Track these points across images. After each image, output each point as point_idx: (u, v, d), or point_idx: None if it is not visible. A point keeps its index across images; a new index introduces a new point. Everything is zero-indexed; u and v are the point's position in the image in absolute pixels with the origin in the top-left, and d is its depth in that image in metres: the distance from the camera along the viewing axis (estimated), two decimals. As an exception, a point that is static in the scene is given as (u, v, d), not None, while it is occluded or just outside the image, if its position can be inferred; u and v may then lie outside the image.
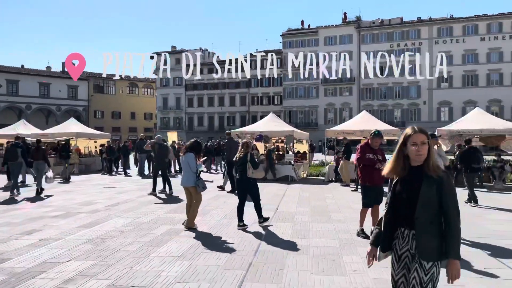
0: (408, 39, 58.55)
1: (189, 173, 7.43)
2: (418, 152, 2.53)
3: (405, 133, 2.64)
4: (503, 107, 53.74)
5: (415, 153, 2.54)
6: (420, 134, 2.58)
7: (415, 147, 2.55)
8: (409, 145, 2.57)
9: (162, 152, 12.56)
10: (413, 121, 57.41)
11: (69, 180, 16.39)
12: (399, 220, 2.61)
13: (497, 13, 55.76)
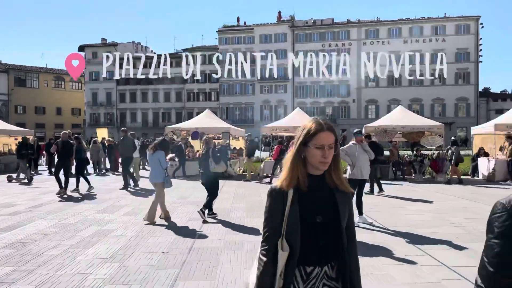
0: (339, 40, 61.11)
1: (158, 169, 7.77)
2: (324, 158, 1.76)
3: (308, 128, 1.81)
4: (423, 105, 58.13)
5: (319, 159, 1.76)
6: (329, 133, 1.79)
7: (320, 151, 1.76)
8: (312, 147, 1.77)
9: (66, 150, 11.77)
10: (343, 118, 60.15)
11: (-15, 181, 15.01)
12: (303, 256, 1.77)
13: (419, 17, 60.14)
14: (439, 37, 58.38)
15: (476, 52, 57.65)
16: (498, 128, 15.39)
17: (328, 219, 1.79)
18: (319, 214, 1.79)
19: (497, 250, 1.38)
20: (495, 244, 1.39)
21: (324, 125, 1.80)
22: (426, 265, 5.03)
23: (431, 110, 57.66)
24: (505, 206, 1.42)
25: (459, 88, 57.60)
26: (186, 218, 8.05)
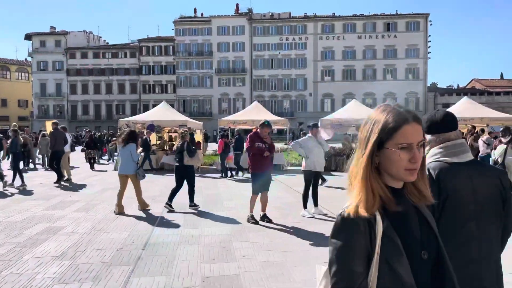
0: (296, 34, 61.76)
1: (129, 162, 7.94)
2: (413, 163, 1.19)
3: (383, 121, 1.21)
4: (376, 99, 60.15)
5: (405, 165, 1.19)
6: (417, 125, 1.21)
7: (407, 152, 1.19)
8: (393, 148, 1.19)
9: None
10: (300, 112, 61.09)
11: None
12: None
13: (372, 13, 61.96)
14: (391, 33, 60.50)
15: (425, 49, 60.36)
16: (444, 121, 16.21)
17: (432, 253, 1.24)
18: (423, 247, 1.22)
19: None
20: None
21: (409, 115, 1.20)
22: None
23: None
24: None
25: (409, 83, 60.13)
26: (142, 213, 7.88)
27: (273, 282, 4.23)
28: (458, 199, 1.78)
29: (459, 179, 1.81)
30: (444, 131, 1.92)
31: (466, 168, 1.84)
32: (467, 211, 1.80)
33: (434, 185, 1.70)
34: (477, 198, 1.81)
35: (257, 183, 7.05)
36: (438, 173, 1.79)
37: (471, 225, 1.79)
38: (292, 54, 61.45)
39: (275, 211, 7.84)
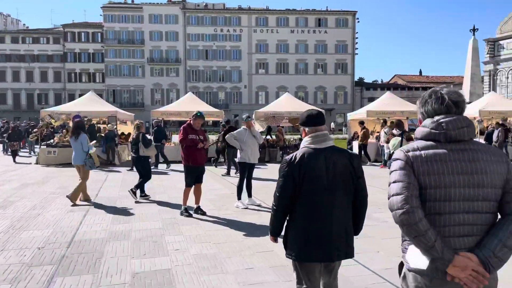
0: (230, 26, 61.59)
1: (79, 152, 8.02)
2: None
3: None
4: (308, 92, 62.12)
5: None
6: None
7: None
8: None
9: None
10: (235, 104, 61.26)
11: None
12: None
13: (304, 9, 63.59)
14: (322, 29, 62.61)
15: (353, 45, 63.31)
16: (370, 114, 17.20)
17: None
18: None
19: (280, 184, 2.53)
20: (280, 181, 2.54)
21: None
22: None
23: (314, 97, 61.92)
24: (287, 160, 2.54)
25: (338, 78, 62.80)
26: (66, 210, 7.44)
27: (206, 275, 4.22)
28: (314, 174, 2.48)
29: (316, 160, 2.50)
30: (315, 125, 2.63)
31: (324, 152, 2.53)
32: (321, 184, 2.48)
33: (297, 164, 2.49)
34: (329, 174, 2.49)
35: (191, 175, 6.96)
36: (302, 155, 2.51)
37: (324, 194, 2.48)
38: (227, 45, 61.25)
39: (209, 203, 7.81)
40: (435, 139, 1.81)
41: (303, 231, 2.51)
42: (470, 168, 1.77)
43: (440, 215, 1.75)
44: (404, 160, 1.80)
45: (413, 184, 1.75)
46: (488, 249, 1.69)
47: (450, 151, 1.79)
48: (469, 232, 1.75)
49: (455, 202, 1.75)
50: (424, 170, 1.76)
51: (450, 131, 1.79)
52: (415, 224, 1.68)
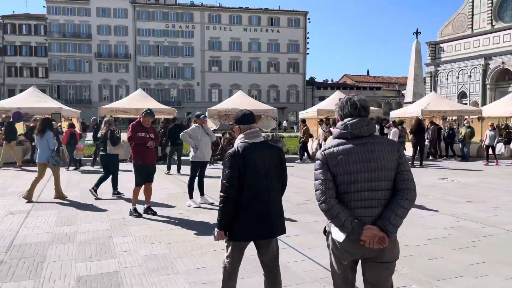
0: (182, 22, 60.66)
1: (45, 150, 7.93)
2: None
3: None
4: (261, 91, 62.59)
5: None
6: None
7: None
8: None
9: None
10: (188, 101, 60.49)
11: None
12: None
13: (257, 7, 63.91)
14: (274, 28, 63.27)
15: (304, 45, 64.55)
16: (320, 112, 17.64)
17: None
18: None
19: (227, 174, 2.89)
20: (227, 172, 2.88)
21: None
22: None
23: (268, 95, 62.50)
24: (231, 153, 2.93)
25: (291, 77, 63.81)
26: (5, 212, 6.98)
27: (156, 276, 4.11)
28: (254, 165, 2.91)
29: (254, 152, 2.94)
30: (249, 123, 3.07)
31: (258, 146, 3.00)
32: (260, 172, 2.93)
33: (240, 156, 2.89)
34: (265, 164, 2.97)
35: (141, 174, 6.77)
36: (243, 149, 2.93)
37: (263, 181, 2.94)
38: (179, 42, 60.25)
39: (160, 202, 7.64)
40: (344, 137, 2.38)
41: (248, 214, 2.90)
42: (369, 157, 2.32)
43: (348, 194, 2.31)
44: (321, 160, 2.37)
45: (328, 179, 2.32)
46: (386, 219, 2.26)
47: (354, 145, 2.34)
48: (370, 205, 2.30)
49: (359, 183, 2.30)
50: (335, 163, 2.32)
51: (353, 130, 2.35)
52: (329, 210, 2.28)
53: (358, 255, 2.37)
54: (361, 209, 2.30)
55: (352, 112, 2.41)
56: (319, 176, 2.34)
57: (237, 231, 2.92)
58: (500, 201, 7.96)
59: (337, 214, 2.26)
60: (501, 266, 4.31)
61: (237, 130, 3.10)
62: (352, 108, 2.42)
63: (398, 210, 2.28)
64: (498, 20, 53.25)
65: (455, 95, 56.98)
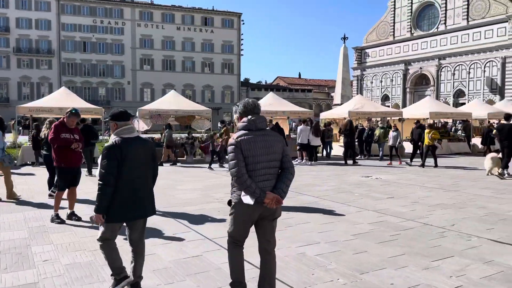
0: (111, 17, 58.15)
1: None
2: None
3: None
4: (195, 91, 61.90)
5: None
6: None
7: None
8: None
9: None
10: (118, 101, 58.09)
11: None
12: None
13: (190, 6, 63.11)
14: (208, 28, 62.94)
15: (239, 46, 64.97)
16: (254, 113, 17.82)
17: None
18: None
19: (105, 164, 3.34)
20: (105, 162, 3.34)
21: None
22: (192, 240, 5.38)
23: (202, 95, 62.00)
24: (109, 146, 3.40)
25: (225, 77, 63.88)
26: None
27: (79, 285, 3.88)
28: (129, 156, 3.41)
29: (131, 145, 3.45)
30: (125, 120, 3.55)
31: (133, 140, 3.51)
32: (135, 163, 3.45)
33: (119, 148, 3.38)
34: (139, 156, 3.50)
35: (64, 178, 6.36)
36: (121, 143, 3.41)
37: (137, 170, 3.47)
38: (108, 38, 57.66)
39: (85, 207, 7.23)
40: (249, 129, 3.25)
41: (124, 199, 3.42)
42: (266, 144, 3.24)
43: (254, 171, 3.18)
44: (235, 145, 3.17)
45: (241, 160, 3.14)
46: (280, 188, 3.24)
47: (256, 135, 3.23)
48: (268, 178, 3.24)
49: (261, 163, 3.21)
50: (245, 147, 3.17)
51: (257, 124, 3.27)
52: (244, 182, 3.12)
53: (257, 215, 3.26)
54: (263, 181, 3.20)
55: (253, 110, 3.34)
56: (234, 157, 3.15)
57: (114, 213, 3.41)
58: (417, 196, 8.60)
59: (250, 185, 3.11)
60: (418, 257, 4.65)
61: (113, 126, 3.54)
62: (251, 107, 3.35)
63: (287, 181, 3.29)
64: (417, 28, 57.66)
65: (379, 98, 60.74)
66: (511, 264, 4.41)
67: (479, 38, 49.94)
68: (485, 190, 9.34)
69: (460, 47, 51.66)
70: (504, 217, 6.60)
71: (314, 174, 12.43)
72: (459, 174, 12.33)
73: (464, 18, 51.56)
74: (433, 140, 14.03)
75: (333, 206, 7.52)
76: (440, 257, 4.63)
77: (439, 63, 54.05)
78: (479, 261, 4.51)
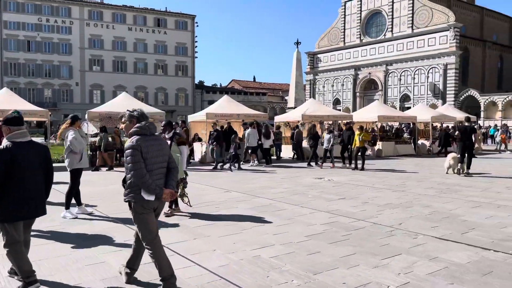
0: (58, 16, 55.71)
1: None
2: None
3: None
4: (148, 93, 60.56)
5: None
6: None
7: None
8: None
9: None
10: (65, 103, 55.63)
11: None
12: None
13: (142, 7, 61.75)
14: (161, 29, 61.88)
15: (193, 48, 64.39)
16: (209, 116, 17.70)
17: None
18: None
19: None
20: None
21: None
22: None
23: (155, 98, 60.77)
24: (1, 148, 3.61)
25: (179, 80, 63.03)
26: None
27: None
28: (21, 158, 3.63)
29: (20, 150, 3.65)
30: (19, 125, 3.74)
31: (25, 144, 3.73)
32: (25, 165, 3.65)
33: (8, 152, 3.55)
34: (31, 159, 3.72)
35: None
36: (11, 147, 3.59)
37: (28, 172, 3.68)
38: (54, 38, 55.10)
39: (29, 215, 6.81)
40: (144, 134, 3.65)
41: (16, 199, 3.61)
42: (159, 147, 3.73)
43: (152, 171, 3.60)
44: (136, 148, 3.54)
45: (141, 161, 3.53)
46: (170, 185, 3.76)
47: (151, 140, 3.67)
48: (161, 177, 3.73)
49: (157, 163, 3.67)
50: (144, 150, 3.56)
51: (150, 129, 3.71)
52: (147, 181, 3.52)
53: (153, 208, 3.72)
54: (158, 180, 3.67)
55: (145, 118, 3.79)
56: (135, 159, 3.52)
57: (8, 213, 3.60)
58: (367, 197, 8.90)
59: (151, 183, 3.55)
60: (369, 256, 4.80)
61: (6, 131, 3.71)
62: (145, 116, 3.81)
63: (174, 179, 3.87)
64: (366, 35, 59.95)
65: (331, 102, 62.46)
66: (454, 260, 4.66)
67: (423, 45, 52.79)
68: (429, 189, 9.83)
69: (406, 53, 54.33)
70: (447, 215, 6.97)
71: (268, 177, 12.53)
72: (406, 176, 12.91)
73: (409, 26, 54.29)
74: (363, 142, 14.11)
75: (287, 208, 7.60)
76: (389, 255, 4.81)
77: (386, 68, 56.49)
78: (425, 258, 4.73)
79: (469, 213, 7.17)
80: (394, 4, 55.36)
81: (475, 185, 10.61)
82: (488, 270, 4.31)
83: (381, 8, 57.34)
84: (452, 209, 7.53)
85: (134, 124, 3.69)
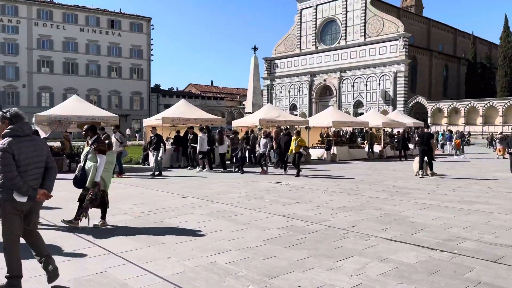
0: (4, 15, 52.79)
1: None
2: None
3: None
4: (101, 96, 58.57)
5: None
6: None
7: None
8: None
9: None
10: (11, 105, 52.52)
11: None
12: None
13: (95, 7, 59.82)
14: (116, 31, 60.21)
15: (148, 51, 63.12)
16: (165, 120, 17.40)
17: None
18: None
19: None
20: None
21: None
22: (94, 256, 5.00)
23: (108, 101, 58.90)
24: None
25: (134, 83, 61.52)
26: None
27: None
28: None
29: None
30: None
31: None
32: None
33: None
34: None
35: None
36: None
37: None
38: (-1, 37, 52.13)
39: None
40: (18, 135, 3.64)
41: None
42: (35, 148, 3.76)
43: (26, 172, 3.62)
44: (7, 151, 3.53)
45: (13, 163, 3.53)
46: (47, 185, 3.83)
47: (25, 141, 3.69)
48: (37, 177, 3.77)
49: (32, 164, 3.70)
50: (17, 152, 3.57)
51: (24, 130, 3.69)
52: (18, 183, 3.53)
53: (26, 208, 3.73)
54: (33, 180, 3.71)
55: (19, 119, 3.74)
56: (5, 162, 3.51)
57: None
58: (322, 200, 9.09)
59: (22, 185, 3.56)
60: (323, 259, 4.89)
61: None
62: (19, 117, 3.76)
63: (52, 179, 3.91)
64: (321, 42, 61.51)
65: (288, 107, 63.43)
66: (403, 260, 4.84)
67: (375, 53, 54.95)
68: (381, 193, 10.20)
69: (359, 61, 56.32)
70: (397, 217, 7.26)
71: (226, 182, 12.48)
72: (359, 179, 13.32)
73: (362, 35, 56.36)
74: (299, 147, 13.88)
75: (244, 213, 7.60)
76: (342, 257, 4.92)
77: (340, 75, 58.24)
78: (376, 259, 4.88)
79: (417, 214, 7.50)
80: (347, 13, 57.27)
81: (423, 187, 11.13)
82: (435, 270, 4.52)
83: (335, 16, 59.11)
84: (402, 211, 7.84)
85: (6, 125, 3.66)
